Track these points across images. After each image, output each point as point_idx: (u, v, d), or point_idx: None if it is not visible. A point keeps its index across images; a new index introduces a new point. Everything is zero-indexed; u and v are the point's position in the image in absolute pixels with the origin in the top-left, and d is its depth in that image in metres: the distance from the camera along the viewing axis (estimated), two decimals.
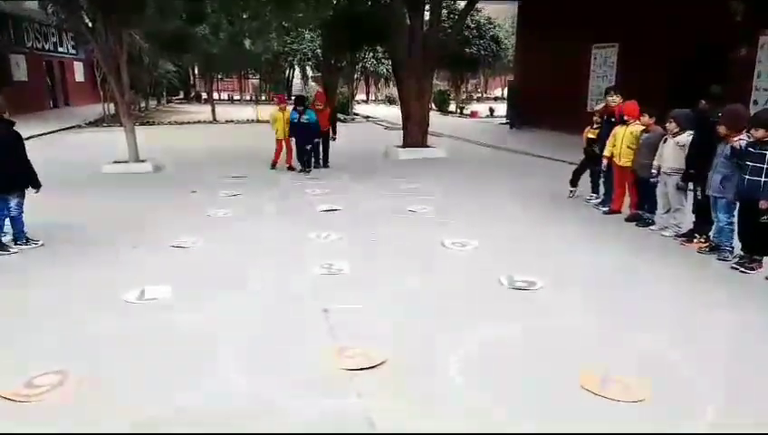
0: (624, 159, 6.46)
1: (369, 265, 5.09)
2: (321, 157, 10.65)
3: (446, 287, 4.54)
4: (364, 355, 3.35)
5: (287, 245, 5.73)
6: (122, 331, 3.74)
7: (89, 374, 3.16)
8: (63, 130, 18.34)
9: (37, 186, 5.59)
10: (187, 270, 4.94)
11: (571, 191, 7.94)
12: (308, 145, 10.09)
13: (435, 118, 15.61)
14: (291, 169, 10.38)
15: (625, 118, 6.47)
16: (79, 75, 30.87)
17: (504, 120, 21.55)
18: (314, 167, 10.37)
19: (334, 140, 10.98)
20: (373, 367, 3.23)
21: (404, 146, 12.52)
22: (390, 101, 37.39)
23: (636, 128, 6.37)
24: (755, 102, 10.79)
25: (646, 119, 6.19)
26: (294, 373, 3.20)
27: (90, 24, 10.18)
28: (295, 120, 9.96)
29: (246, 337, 3.64)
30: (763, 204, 4.54)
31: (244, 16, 21.05)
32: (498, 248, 5.60)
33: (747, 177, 4.68)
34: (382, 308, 4.12)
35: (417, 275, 4.80)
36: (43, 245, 5.59)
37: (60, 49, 28.58)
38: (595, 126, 7.45)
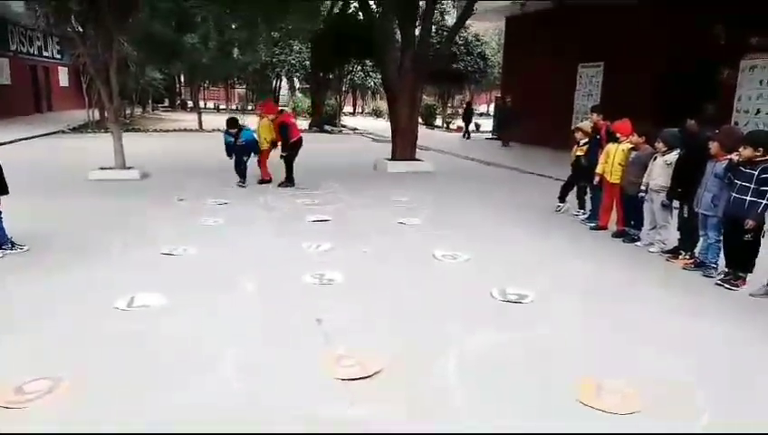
0: (614, 177, 6.58)
1: (360, 275, 5.09)
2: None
3: (439, 299, 4.56)
4: (360, 365, 3.35)
5: (277, 254, 5.71)
6: (113, 337, 3.69)
7: (80, 381, 3.11)
8: (47, 135, 18.11)
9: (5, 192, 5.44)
10: (178, 278, 4.90)
11: (559, 206, 8.05)
12: (246, 157, 9.62)
13: (422, 132, 15.72)
14: (263, 181, 9.92)
15: (618, 136, 6.58)
16: (63, 80, 30.59)
17: (491, 136, 21.83)
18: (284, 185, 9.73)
19: (283, 156, 9.74)
20: (369, 376, 3.24)
21: (392, 159, 12.59)
22: (377, 113, 37.63)
23: (625, 146, 6.50)
24: (736, 123, 11.07)
25: (635, 138, 6.32)
26: (289, 382, 3.19)
27: (80, 29, 10.11)
28: (231, 144, 9.50)
29: (239, 346, 3.61)
30: (748, 223, 4.65)
31: (234, 26, 21.11)
32: (488, 261, 5.65)
33: (734, 195, 4.80)
34: (376, 318, 4.12)
35: (410, 287, 4.82)
36: (29, 250, 5.50)
37: (45, 53, 28.31)
38: (582, 143, 7.57)
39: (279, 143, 9.76)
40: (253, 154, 9.75)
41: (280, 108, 10.84)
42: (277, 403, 2.96)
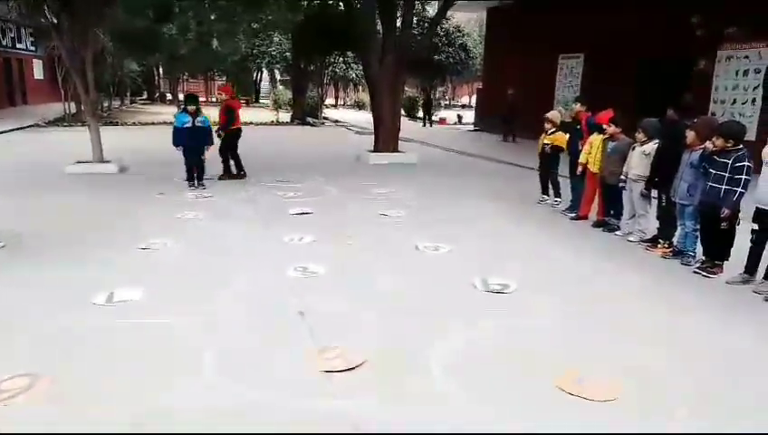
0: (597, 167, 6.63)
1: (343, 268, 5.08)
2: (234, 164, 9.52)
3: (422, 290, 4.58)
4: (343, 357, 3.35)
5: (259, 247, 5.68)
6: (92, 334, 3.64)
7: (58, 378, 3.06)
8: (22, 129, 17.72)
9: None
10: (158, 273, 4.84)
11: (543, 198, 8.11)
12: (203, 154, 8.74)
13: (404, 124, 15.70)
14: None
15: (604, 127, 6.59)
16: (38, 73, 29.88)
17: (473, 128, 21.89)
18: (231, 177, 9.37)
19: (219, 136, 9.25)
20: (352, 368, 3.24)
21: (375, 151, 12.56)
22: (359, 105, 37.47)
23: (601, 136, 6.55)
24: (713, 114, 11.23)
25: (612, 128, 6.36)
26: (273, 376, 3.18)
27: (54, 21, 9.88)
28: (187, 125, 8.45)
29: (221, 340, 3.59)
30: (724, 212, 4.73)
31: (213, 17, 20.81)
32: (470, 252, 5.67)
33: (710, 184, 4.87)
34: (359, 311, 4.12)
35: (393, 278, 4.82)
36: (4, 246, 5.39)
37: (18, 45, 27.61)
38: (549, 132, 7.65)
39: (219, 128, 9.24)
40: (206, 147, 8.79)
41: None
42: (261, 396, 2.95)
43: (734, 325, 4.03)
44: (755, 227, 4.71)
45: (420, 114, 29.75)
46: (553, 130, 7.65)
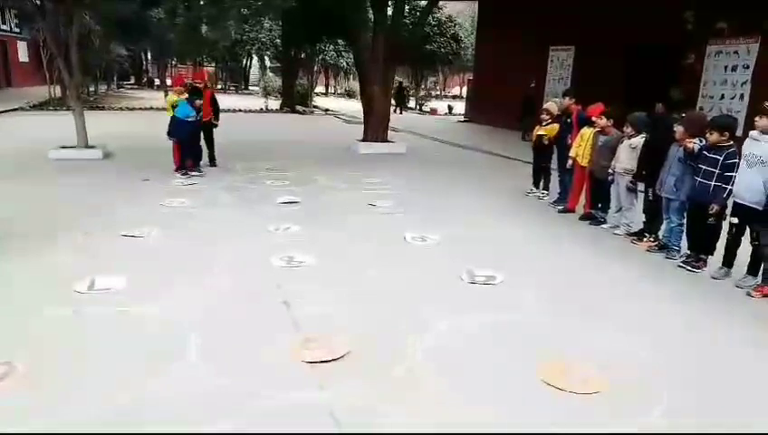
0: (586, 160, 6.62)
1: (330, 258, 5.04)
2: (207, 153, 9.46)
3: (408, 281, 4.56)
4: (327, 347, 3.32)
5: (246, 236, 5.62)
6: (73, 322, 3.59)
7: (37, 367, 3.01)
8: (5, 112, 17.42)
9: None
10: (142, 261, 4.78)
11: (531, 190, 8.11)
12: (198, 143, 8.94)
13: (394, 113, 15.64)
14: (183, 170, 8.68)
15: (593, 120, 6.57)
16: (23, 55, 29.41)
17: (463, 118, 21.88)
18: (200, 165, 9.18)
19: (216, 126, 9.59)
20: (336, 359, 3.22)
21: (364, 140, 12.50)
22: (350, 94, 37.28)
23: (591, 130, 6.54)
24: (701, 109, 11.28)
25: (603, 121, 6.35)
26: (256, 366, 3.14)
27: (38, 2, 9.67)
28: (191, 118, 8.52)
29: (205, 330, 3.54)
30: (713, 208, 4.75)
31: (201, 2, 20.50)
32: (458, 243, 5.66)
33: (699, 179, 4.88)
34: (344, 301, 4.10)
35: (379, 269, 4.80)
36: None
37: (2, 27, 27.13)
38: (545, 123, 7.65)
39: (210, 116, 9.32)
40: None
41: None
42: (244, 388, 2.92)
43: (717, 319, 4.06)
44: (734, 220, 4.74)
45: (411, 104, 29.78)
46: (549, 121, 7.63)
